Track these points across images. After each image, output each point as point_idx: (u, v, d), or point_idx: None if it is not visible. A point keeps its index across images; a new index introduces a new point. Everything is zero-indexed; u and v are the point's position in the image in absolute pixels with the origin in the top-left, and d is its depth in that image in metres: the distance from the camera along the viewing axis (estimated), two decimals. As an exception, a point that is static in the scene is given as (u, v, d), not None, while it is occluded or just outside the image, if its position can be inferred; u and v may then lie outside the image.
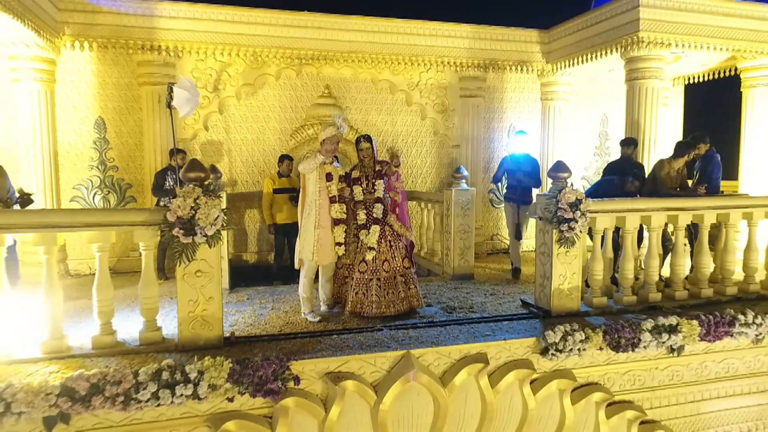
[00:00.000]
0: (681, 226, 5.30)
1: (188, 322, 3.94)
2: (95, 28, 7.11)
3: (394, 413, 3.97)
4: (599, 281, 5.16)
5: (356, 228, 5.18)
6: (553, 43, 8.82)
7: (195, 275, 3.91)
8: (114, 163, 7.72)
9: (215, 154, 8.11)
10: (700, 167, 6.47)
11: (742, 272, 5.68)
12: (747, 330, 4.87)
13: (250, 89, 8.10)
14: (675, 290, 5.37)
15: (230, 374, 3.54)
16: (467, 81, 8.92)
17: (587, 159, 10.00)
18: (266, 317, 5.14)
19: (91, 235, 3.81)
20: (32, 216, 3.83)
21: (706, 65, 8.87)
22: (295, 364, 3.77)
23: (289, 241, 7.51)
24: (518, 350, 4.35)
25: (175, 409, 3.56)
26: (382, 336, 4.41)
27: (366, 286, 5.05)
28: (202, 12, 7.45)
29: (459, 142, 9.10)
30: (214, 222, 3.81)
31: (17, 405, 3.17)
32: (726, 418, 5.11)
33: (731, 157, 8.73)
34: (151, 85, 7.56)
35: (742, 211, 5.52)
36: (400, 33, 8.28)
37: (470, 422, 4.22)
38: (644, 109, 7.37)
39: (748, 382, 5.12)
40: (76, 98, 7.49)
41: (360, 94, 8.65)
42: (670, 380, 4.84)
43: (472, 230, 6.91)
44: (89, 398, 3.28)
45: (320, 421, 3.83)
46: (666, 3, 7.01)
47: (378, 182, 5.18)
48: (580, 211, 4.74)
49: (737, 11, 7.39)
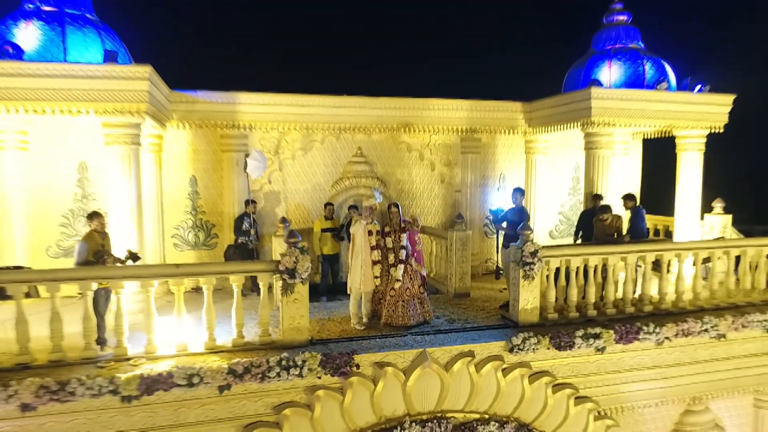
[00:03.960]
0: (611, 264, 7.50)
1: (289, 330, 6.22)
2: (193, 114, 9.46)
3: (415, 388, 6.21)
4: (552, 303, 7.37)
5: (388, 266, 7.46)
6: (533, 113, 11.05)
7: (293, 302, 6.19)
8: (202, 209, 10.07)
9: (275, 200, 10.43)
10: (631, 219, 8.67)
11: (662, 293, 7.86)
12: (650, 336, 7.05)
13: (301, 152, 10.42)
14: (606, 308, 7.57)
15: (320, 362, 5.81)
16: (467, 141, 11.17)
17: (563, 198, 12.20)
18: (327, 325, 7.41)
19: (234, 277, 6.12)
20: (205, 267, 6.15)
21: (653, 128, 11.06)
22: (356, 356, 6.03)
23: (332, 267, 9.78)
24: (494, 349, 6.58)
25: (286, 382, 5.81)
26: (406, 339, 6.67)
27: (395, 305, 7.31)
28: (268, 99, 9.77)
29: (460, 187, 11.35)
30: (306, 270, 6.10)
31: (206, 378, 5.47)
32: (637, 396, 7.29)
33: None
34: (231, 152, 9.90)
35: (654, 253, 7.72)
36: (415, 108, 10.55)
37: (463, 395, 6.43)
38: (597, 170, 9.60)
39: (653, 371, 7.29)
40: (176, 162, 9.85)
41: (384, 152, 10.94)
42: (597, 369, 7.02)
43: (469, 260, 9.16)
44: (243, 375, 5.57)
45: (371, 392, 6.08)
46: (611, 95, 9.25)
47: (402, 235, 7.45)
48: (538, 258, 6.97)
49: (665, 98, 9.59)
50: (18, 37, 7.21)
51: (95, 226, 6.63)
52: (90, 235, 6.58)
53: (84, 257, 6.39)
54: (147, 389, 5.35)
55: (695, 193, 10.23)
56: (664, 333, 7.13)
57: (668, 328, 7.15)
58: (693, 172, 10.22)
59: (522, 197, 8.37)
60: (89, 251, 6.44)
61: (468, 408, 6.45)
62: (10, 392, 5.01)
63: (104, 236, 6.76)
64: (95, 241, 6.57)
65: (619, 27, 10.54)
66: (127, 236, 7.51)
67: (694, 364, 7.51)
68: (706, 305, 8.01)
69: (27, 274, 6.15)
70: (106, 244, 6.75)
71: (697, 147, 10.16)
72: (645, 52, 10.34)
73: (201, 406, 5.59)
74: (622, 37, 10.45)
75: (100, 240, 6.64)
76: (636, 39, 10.52)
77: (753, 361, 7.80)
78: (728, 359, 7.67)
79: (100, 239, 6.66)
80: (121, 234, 7.48)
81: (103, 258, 6.46)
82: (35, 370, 5.42)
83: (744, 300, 8.22)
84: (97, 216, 6.68)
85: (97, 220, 6.65)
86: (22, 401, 5.05)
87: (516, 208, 8.32)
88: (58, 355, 5.64)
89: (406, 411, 6.22)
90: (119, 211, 7.57)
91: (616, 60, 10.16)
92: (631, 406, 7.39)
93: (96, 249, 6.51)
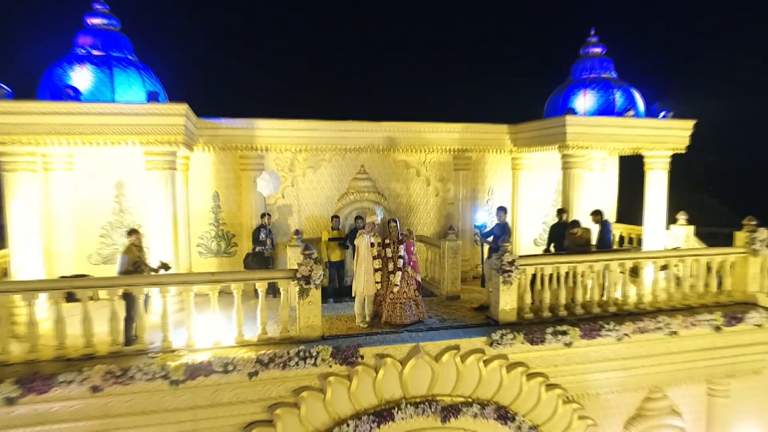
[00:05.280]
0: (578, 271, 8.62)
1: (305, 327, 7.34)
2: (217, 138, 10.63)
3: (410, 375, 7.33)
4: (528, 304, 8.49)
5: (388, 273, 8.59)
6: (518, 135, 12.19)
7: (308, 303, 7.32)
8: (223, 221, 11.22)
9: (288, 213, 11.58)
10: (599, 231, 9.81)
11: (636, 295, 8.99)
12: (610, 333, 8.16)
13: (311, 170, 11.58)
14: (576, 309, 8.69)
15: (331, 354, 6.95)
16: (459, 159, 12.32)
17: (546, 209, 13.30)
18: (336, 323, 8.54)
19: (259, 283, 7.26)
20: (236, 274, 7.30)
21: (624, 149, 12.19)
22: (361, 349, 7.16)
23: (338, 272, 10.91)
24: (477, 343, 7.70)
25: (303, 370, 6.93)
26: (403, 335, 7.80)
27: (393, 306, 8.44)
28: (282, 125, 10.95)
29: (453, 201, 12.50)
30: (319, 277, 7.24)
31: (238, 366, 6.60)
32: (600, 383, 8.40)
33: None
34: (249, 171, 11.05)
35: (617, 262, 8.85)
36: (412, 131, 11.71)
37: (450, 382, 7.55)
38: (572, 187, 10.73)
39: (615, 363, 8.39)
40: (201, 180, 11.01)
41: (385, 169, 12.09)
42: (566, 361, 8.13)
43: (459, 267, 10.29)
44: (268, 364, 6.71)
45: (373, 379, 7.21)
46: (584, 122, 10.40)
47: (400, 246, 8.57)
48: (515, 266, 8.10)
49: (632, 124, 10.72)
50: (74, 80, 8.38)
51: (133, 240, 7.78)
52: (129, 248, 7.73)
53: (125, 267, 7.54)
54: (191, 375, 6.50)
55: (661, 206, 11.35)
56: (623, 330, 8.24)
57: (627, 326, 8.26)
58: (659, 189, 11.34)
59: (504, 214, 9.49)
60: (129, 262, 7.59)
61: (454, 393, 7.57)
62: (84, 377, 6.16)
63: (141, 249, 7.91)
64: (134, 253, 7.71)
65: (594, 59, 11.68)
66: (163, 247, 8.67)
67: (651, 357, 8.60)
68: (664, 306, 9.11)
69: (94, 281, 7.37)
70: (143, 256, 7.90)
71: (662, 166, 11.29)
72: (616, 81, 11.48)
73: (234, 389, 6.72)
74: (597, 67, 11.60)
75: (137, 253, 7.78)
76: (609, 69, 11.67)
77: (703, 354, 8.87)
78: (681, 353, 8.75)
79: (138, 252, 7.81)
80: (158, 245, 8.65)
81: (140, 268, 7.62)
82: (99, 360, 6.57)
83: (698, 302, 9.32)
84: (135, 232, 7.84)
85: (135, 236, 7.81)
86: (93, 384, 6.19)
87: (499, 224, 9.43)
88: (116, 348, 6.80)
89: (402, 395, 7.35)
90: (157, 226, 8.73)
91: (590, 89, 11.30)
92: (596, 393, 8.50)
93: (134, 260, 7.66)
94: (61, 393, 6.15)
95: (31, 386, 6.02)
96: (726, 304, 9.32)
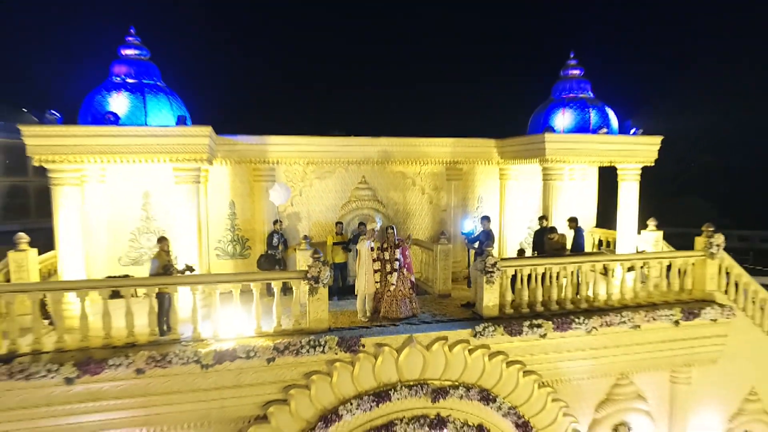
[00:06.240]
0: (553, 272, 9.69)
1: (314, 320, 8.43)
2: (233, 153, 11.74)
3: (405, 362, 8.41)
4: (509, 301, 9.58)
5: (386, 273, 9.68)
6: (504, 148, 13.29)
7: (317, 300, 8.42)
8: (239, 227, 12.32)
9: (297, 219, 12.68)
10: (574, 237, 10.90)
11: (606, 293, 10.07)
12: (580, 326, 9.23)
13: (318, 180, 12.68)
14: (551, 306, 9.77)
15: (337, 343, 8.04)
16: (451, 170, 13.41)
17: (531, 215, 14.37)
18: (340, 318, 9.63)
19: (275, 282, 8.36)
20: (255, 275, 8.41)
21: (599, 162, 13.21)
22: (363, 339, 8.24)
23: (341, 272, 11.99)
24: (463, 335, 8.78)
25: (313, 357, 8.02)
26: (399, 328, 8.89)
27: (390, 302, 9.53)
28: (292, 141, 12.05)
29: (445, 208, 13.59)
30: (326, 277, 8.34)
31: (258, 353, 7.70)
32: (573, 370, 9.47)
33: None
34: (261, 182, 12.15)
35: (589, 264, 9.94)
36: (409, 145, 12.82)
37: (439, 368, 8.61)
38: (551, 197, 11.83)
39: (584, 353, 9.46)
40: (218, 190, 12.11)
41: (384, 179, 13.19)
42: (542, 350, 9.21)
43: (450, 268, 11.38)
44: (284, 351, 7.80)
45: (373, 365, 8.29)
46: (561, 138, 11.50)
47: (396, 250, 9.68)
48: (497, 268, 9.19)
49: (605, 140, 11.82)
50: (112, 105, 9.48)
51: (162, 246, 8.89)
52: (159, 254, 8.84)
53: (156, 270, 8.64)
54: (218, 360, 7.60)
55: (633, 213, 12.44)
56: (591, 324, 9.32)
57: (595, 320, 9.34)
58: (631, 198, 12.43)
59: (488, 223, 10.59)
60: (159, 266, 8.70)
61: (443, 377, 8.65)
62: (130, 360, 7.26)
63: (168, 254, 9.02)
64: (163, 258, 8.83)
65: (572, 80, 12.78)
66: (188, 252, 9.77)
67: (617, 348, 9.66)
68: (631, 303, 10.18)
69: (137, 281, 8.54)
70: (170, 260, 9.02)
71: (633, 177, 12.38)
72: (592, 101, 12.57)
73: (254, 372, 7.81)
74: (575, 88, 12.70)
75: (166, 257, 8.89)
76: (586, 90, 12.76)
77: (664, 346, 9.93)
78: (645, 344, 9.80)
79: (166, 256, 8.92)
80: (184, 250, 9.75)
81: (169, 270, 8.73)
82: (140, 347, 7.67)
83: (661, 299, 10.39)
84: (164, 240, 8.95)
85: (164, 243, 8.92)
86: (137, 367, 7.30)
87: (484, 231, 10.53)
88: (154, 338, 7.90)
89: (398, 378, 8.43)
90: (182, 233, 9.83)
91: (569, 108, 12.40)
92: (569, 379, 9.59)
93: (164, 264, 8.77)
94: (111, 374, 7.25)
95: (86, 368, 7.13)
96: (687, 301, 10.37)
